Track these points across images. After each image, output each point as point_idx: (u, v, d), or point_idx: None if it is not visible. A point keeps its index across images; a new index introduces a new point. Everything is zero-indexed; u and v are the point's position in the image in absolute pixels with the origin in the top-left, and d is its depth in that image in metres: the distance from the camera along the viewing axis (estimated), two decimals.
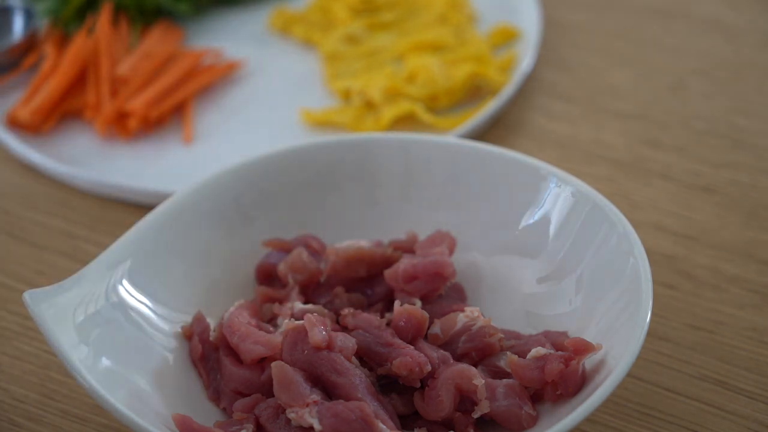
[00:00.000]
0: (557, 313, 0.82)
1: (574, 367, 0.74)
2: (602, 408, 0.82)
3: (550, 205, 0.85)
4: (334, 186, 0.90)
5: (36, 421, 0.83)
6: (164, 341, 0.81)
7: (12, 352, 0.89)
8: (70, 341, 0.75)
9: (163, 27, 1.19)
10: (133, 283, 0.81)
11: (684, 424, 0.82)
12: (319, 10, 1.23)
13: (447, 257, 0.82)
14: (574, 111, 1.11)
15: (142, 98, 1.08)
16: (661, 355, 0.86)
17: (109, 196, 1.02)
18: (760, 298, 0.90)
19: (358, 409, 0.72)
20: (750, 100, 1.11)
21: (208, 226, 0.86)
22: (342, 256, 0.84)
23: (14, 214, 1.02)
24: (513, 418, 0.75)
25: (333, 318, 0.81)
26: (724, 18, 1.22)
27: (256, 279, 0.87)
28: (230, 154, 0.99)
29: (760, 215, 0.98)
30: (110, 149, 1.07)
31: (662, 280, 0.92)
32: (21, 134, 1.08)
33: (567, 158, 1.05)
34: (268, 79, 1.16)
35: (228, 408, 0.78)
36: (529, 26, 1.17)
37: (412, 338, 0.78)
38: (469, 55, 1.13)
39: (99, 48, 1.13)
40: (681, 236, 0.96)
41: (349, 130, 1.07)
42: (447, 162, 0.89)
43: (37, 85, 1.11)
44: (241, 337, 0.78)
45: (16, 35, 1.17)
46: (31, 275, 0.95)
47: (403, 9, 1.22)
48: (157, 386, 0.78)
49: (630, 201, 1.00)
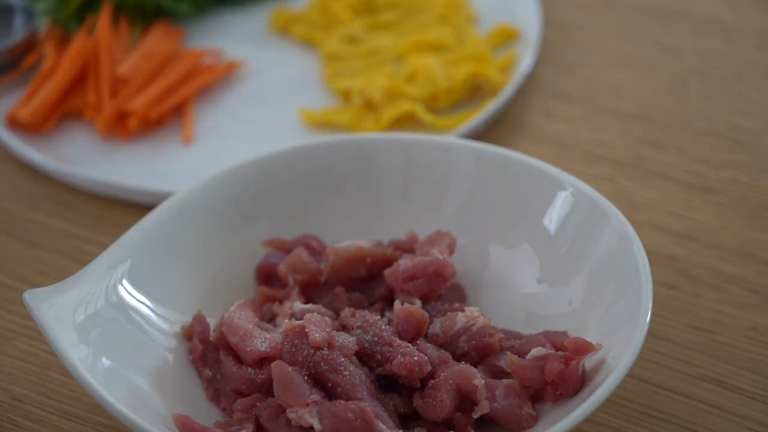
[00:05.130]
0: (557, 313, 0.82)
1: (574, 367, 0.74)
2: (602, 408, 0.82)
3: (550, 204, 0.85)
4: (334, 186, 0.90)
5: (36, 421, 0.83)
6: (164, 341, 0.81)
7: (12, 352, 0.89)
8: (70, 341, 0.75)
9: (163, 27, 1.19)
10: (133, 283, 0.81)
11: (684, 424, 0.82)
12: (319, 10, 1.23)
13: (447, 257, 0.82)
14: (574, 111, 1.11)
15: (142, 98, 1.08)
16: (661, 355, 0.86)
17: (109, 196, 1.02)
18: (760, 298, 0.90)
19: (358, 409, 0.72)
20: (750, 100, 1.11)
21: (208, 226, 0.86)
22: (342, 256, 0.84)
23: (14, 214, 1.02)
24: (513, 418, 0.75)
25: (333, 318, 0.81)
26: (724, 18, 1.22)
27: (256, 279, 0.88)
28: (230, 154, 1.00)
29: (760, 215, 0.98)
30: (110, 149, 1.07)
31: (662, 280, 0.92)
32: (21, 134, 1.08)
33: (567, 158, 1.05)
34: (268, 79, 1.16)
35: (228, 408, 0.78)
36: (529, 26, 1.17)
37: (412, 338, 0.79)
38: (469, 55, 1.13)
39: (99, 48, 1.13)
40: (681, 236, 0.96)
41: (349, 130, 1.07)
42: (447, 162, 0.89)
43: (37, 85, 1.11)
44: (241, 336, 0.78)
45: (16, 35, 1.17)
46: (31, 275, 0.95)
47: (403, 9, 1.22)
48: (157, 386, 0.78)
49: (630, 201, 1.00)
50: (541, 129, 1.09)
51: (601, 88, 1.13)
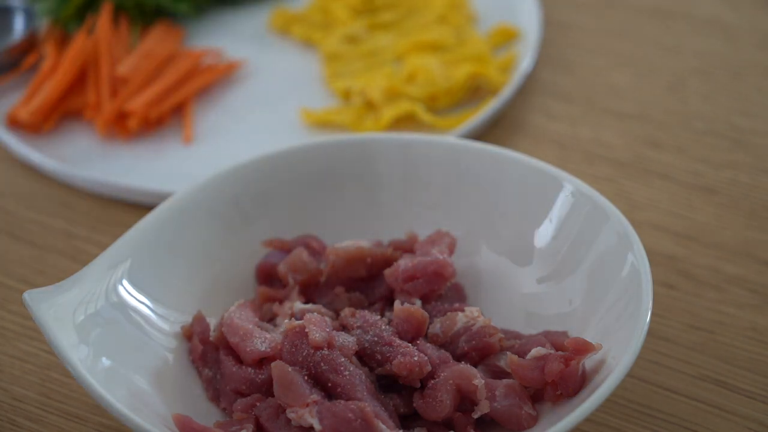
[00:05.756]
0: (557, 313, 0.82)
1: (574, 367, 0.74)
2: (602, 408, 0.82)
3: (550, 204, 0.85)
4: (334, 186, 0.90)
5: (36, 421, 0.83)
6: (164, 341, 0.81)
7: (12, 352, 0.89)
8: (70, 341, 0.75)
9: (163, 27, 1.19)
10: (133, 283, 0.81)
11: (684, 424, 0.82)
12: (319, 10, 1.23)
13: (447, 257, 0.82)
14: (574, 111, 1.11)
15: (142, 98, 1.08)
16: (661, 355, 0.86)
17: (109, 196, 1.02)
18: (760, 298, 0.90)
19: (358, 409, 0.72)
20: (750, 100, 1.11)
21: (208, 227, 0.86)
22: (342, 256, 0.84)
23: (14, 214, 1.02)
24: (513, 418, 0.75)
25: (333, 318, 0.81)
26: (724, 18, 1.22)
27: (256, 279, 0.88)
28: (230, 154, 0.99)
29: (760, 215, 0.98)
30: (110, 149, 1.07)
31: (662, 280, 0.92)
32: (21, 134, 1.08)
33: (567, 158, 1.05)
34: (268, 79, 1.16)
35: (228, 408, 0.78)
36: (529, 26, 1.17)
37: (412, 338, 0.78)
38: (469, 55, 1.13)
39: (99, 48, 1.13)
40: (681, 236, 0.96)
41: (349, 130, 1.07)
42: (447, 162, 0.89)
43: (37, 85, 1.11)
44: (241, 336, 0.78)
45: (16, 35, 1.17)
46: (31, 275, 0.95)
47: (403, 9, 1.22)
48: (157, 386, 0.78)
49: (630, 201, 1.00)
50: (541, 129, 1.09)
51: (601, 88, 1.13)
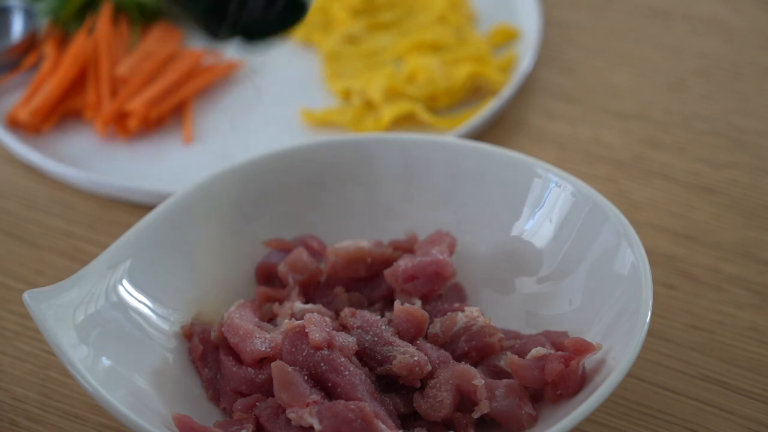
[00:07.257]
0: (557, 313, 0.82)
1: (574, 367, 0.74)
2: (602, 408, 0.82)
3: (550, 205, 0.85)
4: (334, 186, 0.90)
5: (36, 421, 0.83)
6: (164, 341, 0.81)
7: (12, 352, 0.89)
8: (70, 341, 0.75)
9: (163, 27, 1.19)
10: (133, 283, 0.81)
11: (684, 424, 0.82)
12: (319, 10, 1.22)
13: (447, 257, 0.82)
14: (574, 111, 1.11)
15: (142, 98, 1.08)
16: (661, 355, 0.86)
17: (109, 196, 1.02)
18: (760, 298, 0.90)
19: (358, 409, 0.71)
20: (750, 100, 1.11)
21: (208, 226, 0.86)
22: (342, 256, 0.84)
23: (14, 214, 1.02)
24: (513, 418, 0.75)
25: (333, 318, 0.81)
26: (723, 18, 1.22)
27: (256, 279, 0.87)
28: (230, 154, 1.00)
29: (760, 215, 0.98)
30: (110, 149, 1.07)
31: (662, 280, 0.92)
32: (21, 134, 1.08)
33: (567, 158, 1.05)
34: (268, 79, 1.16)
35: (228, 408, 0.78)
36: (529, 26, 1.17)
37: (412, 338, 0.78)
38: (469, 55, 1.13)
39: (99, 48, 1.13)
40: (681, 236, 0.96)
41: (349, 130, 1.07)
42: (447, 162, 0.89)
43: (37, 85, 1.11)
44: (241, 337, 0.78)
45: (16, 35, 1.17)
46: (31, 275, 0.95)
47: (403, 9, 1.22)
48: (157, 386, 0.78)
49: (630, 201, 1.00)
50: (541, 129, 1.09)
51: (601, 88, 1.13)
